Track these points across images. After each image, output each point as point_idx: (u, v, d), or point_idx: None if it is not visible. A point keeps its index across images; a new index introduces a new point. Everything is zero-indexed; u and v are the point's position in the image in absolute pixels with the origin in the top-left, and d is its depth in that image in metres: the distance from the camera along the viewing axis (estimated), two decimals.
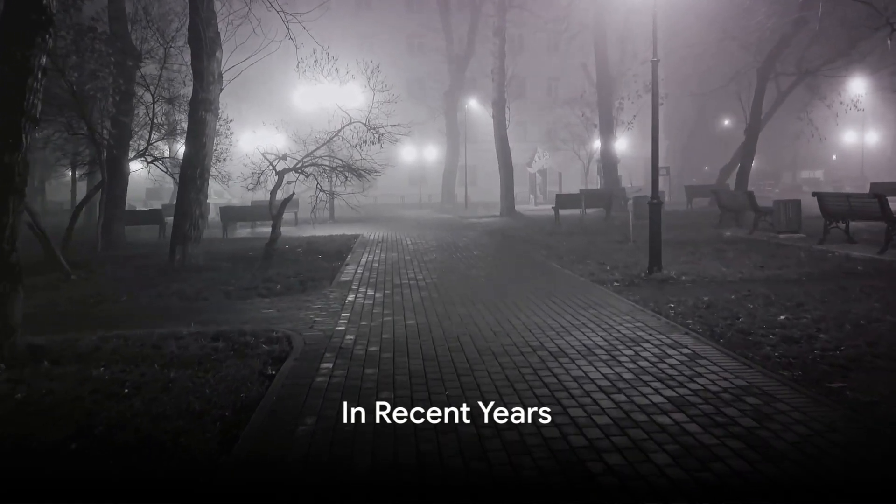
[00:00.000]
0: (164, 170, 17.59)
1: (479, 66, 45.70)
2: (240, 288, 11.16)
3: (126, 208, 34.28)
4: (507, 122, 31.35)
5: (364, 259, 14.82)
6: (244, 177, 17.88)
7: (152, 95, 17.07)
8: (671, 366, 5.97)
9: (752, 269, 11.74)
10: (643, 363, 6.08)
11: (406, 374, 5.88)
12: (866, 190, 24.13)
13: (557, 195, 24.43)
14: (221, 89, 15.06)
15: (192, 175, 14.21)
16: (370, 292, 10.32)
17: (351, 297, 9.89)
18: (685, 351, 6.45)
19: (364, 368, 6.08)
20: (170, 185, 37.76)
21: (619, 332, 7.34)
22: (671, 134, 65.06)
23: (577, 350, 6.57)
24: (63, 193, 44.54)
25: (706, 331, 7.34)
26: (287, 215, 29.59)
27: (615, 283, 10.80)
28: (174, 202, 39.52)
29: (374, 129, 17.98)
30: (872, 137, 59.16)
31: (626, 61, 34.79)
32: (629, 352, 6.48)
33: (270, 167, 17.37)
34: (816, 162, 69.26)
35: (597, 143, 41.86)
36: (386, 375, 5.85)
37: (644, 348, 6.59)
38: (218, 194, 47.39)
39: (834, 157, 71.48)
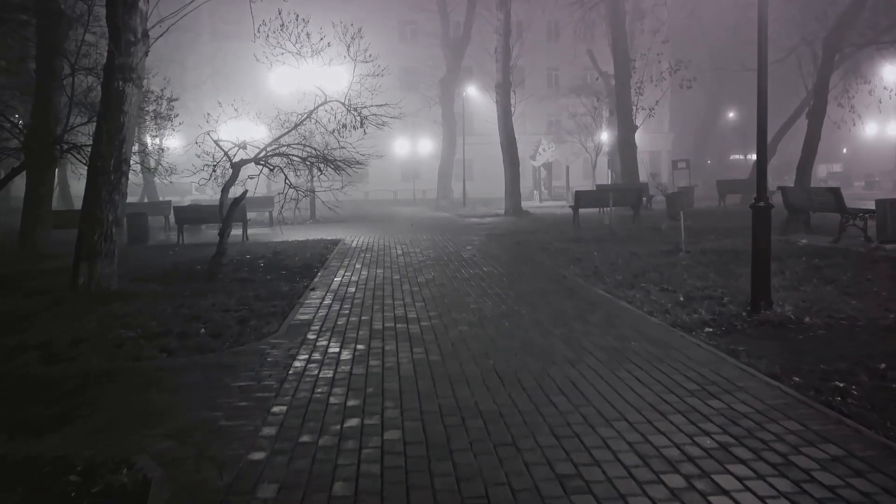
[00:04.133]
0: (82, 160, 13.77)
1: (477, 53, 42.11)
2: (147, 333, 7.47)
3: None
4: (513, 108, 27.53)
5: (338, 279, 11.09)
6: (195, 169, 14.29)
7: (71, 65, 13.27)
8: None
9: None
10: None
11: None
12: None
13: (577, 191, 20.70)
14: (147, 52, 11.30)
15: (104, 167, 10.47)
16: (333, 349, 6.59)
17: (301, 361, 6.16)
18: None
19: None
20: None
21: (824, 486, 3.65)
22: (677, 125, 61.40)
23: None
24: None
25: None
26: (261, 216, 25.99)
27: (708, 330, 7.11)
28: (145, 198, 35.76)
29: (356, 109, 14.31)
30: (882, 129, 55.19)
31: (643, 41, 31.14)
32: None
33: (226, 158, 13.80)
34: (826, 155, 65.56)
35: (605, 135, 38.36)
36: None
37: None
38: (200, 190, 43.70)
39: (844, 150, 67.83)
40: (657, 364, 5.82)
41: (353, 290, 10.01)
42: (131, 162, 17.58)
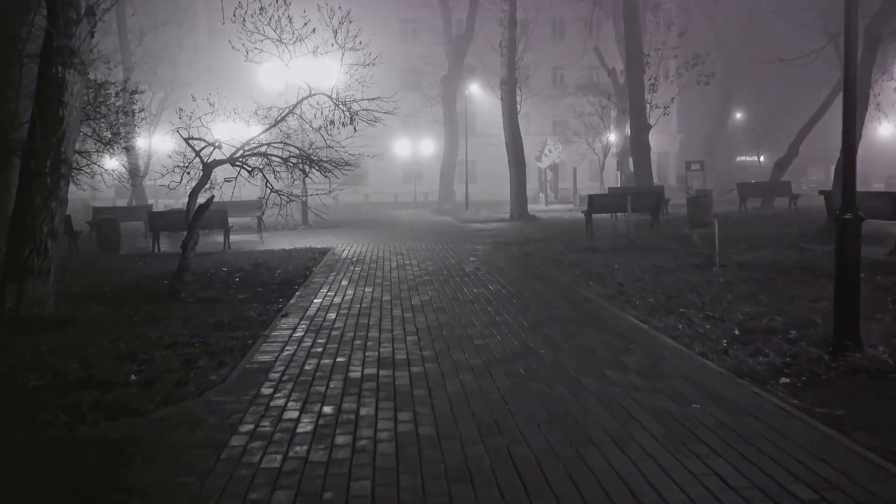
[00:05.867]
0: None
1: (480, 51, 40.48)
2: (60, 381, 5.84)
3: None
4: (518, 107, 25.83)
5: (318, 301, 9.42)
6: (165, 171, 12.76)
7: (18, 52, 11.58)
8: None
9: None
10: None
11: None
12: None
13: (590, 195, 19.02)
14: (93, 32, 9.63)
15: (38, 169, 8.81)
16: (290, 413, 4.90)
17: (241, 436, 4.46)
18: None
19: None
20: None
21: None
22: (685, 126, 59.55)
23: None
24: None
25: None
26: (247, 220, 24.28)
27: (785, 381, 5.44)
28: (133, 202, 34.00)
29: (344, 103, 12.68)
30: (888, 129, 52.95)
31: (657, 36, 29.45)
32: None
33: (198, 158, 12.24)
34: (834, 156, 63.59)
35: (613, 136, 36.82)
36: None
37: None
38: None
39: None
40: (738, 445, 4.13)
41: (332, 316, 8.33)
42: (109, 164, 16.01)
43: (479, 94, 43.76)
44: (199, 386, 5.67)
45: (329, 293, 10.00)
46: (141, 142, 35.91)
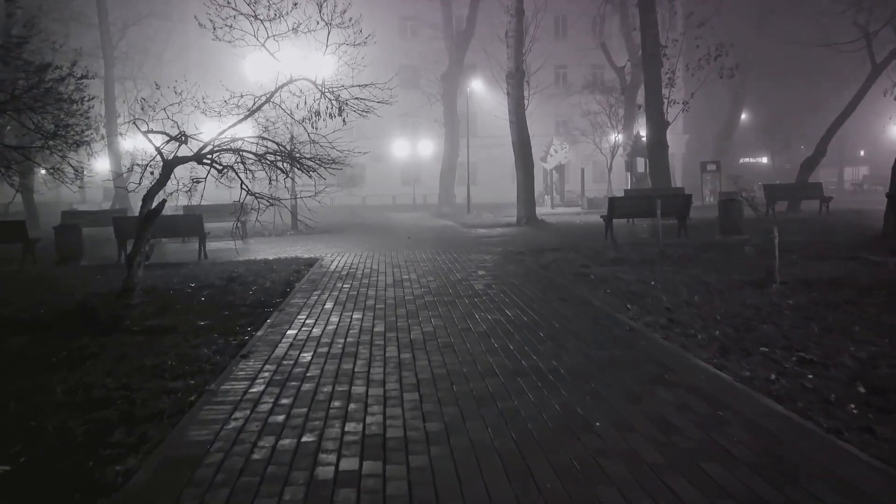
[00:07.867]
0: None
1: (481, 48, 38.68)
2: None
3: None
4: (525, 103, 23.92)
5: (292, 332, 7.48)
6: (121, 170, 10.88)
7: None
8: None
9: None
10: None
11: None
12: None
13: (611, 198, 17.03)
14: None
15: None
16: None
17: None
18: None
19: None
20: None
21: None
22: (692, 127, 57.63)
23: None
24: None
25: None
26: (226, 225, 22.23)
27: None
28: (117, 205, 32.09)
29: (331, 91, 10.79)
30: None
31: (674, 28, 27.60)
32: None
33: (159, 155, 10.42)
34: (840, 158, 61.61)
35: (621, 136, 35.01)
36: None
37: None
38: (185, 196, 40.42)
39: (862, 152, 64.03)
40: None
41: (307, 357, 6.39)
42: (50, 162, 14.10)
43: (481, 94, 42.01)
44: (90, 489, 3.75)
45: (308, 321, 8.06)
46: (125, 140, 34.08)
